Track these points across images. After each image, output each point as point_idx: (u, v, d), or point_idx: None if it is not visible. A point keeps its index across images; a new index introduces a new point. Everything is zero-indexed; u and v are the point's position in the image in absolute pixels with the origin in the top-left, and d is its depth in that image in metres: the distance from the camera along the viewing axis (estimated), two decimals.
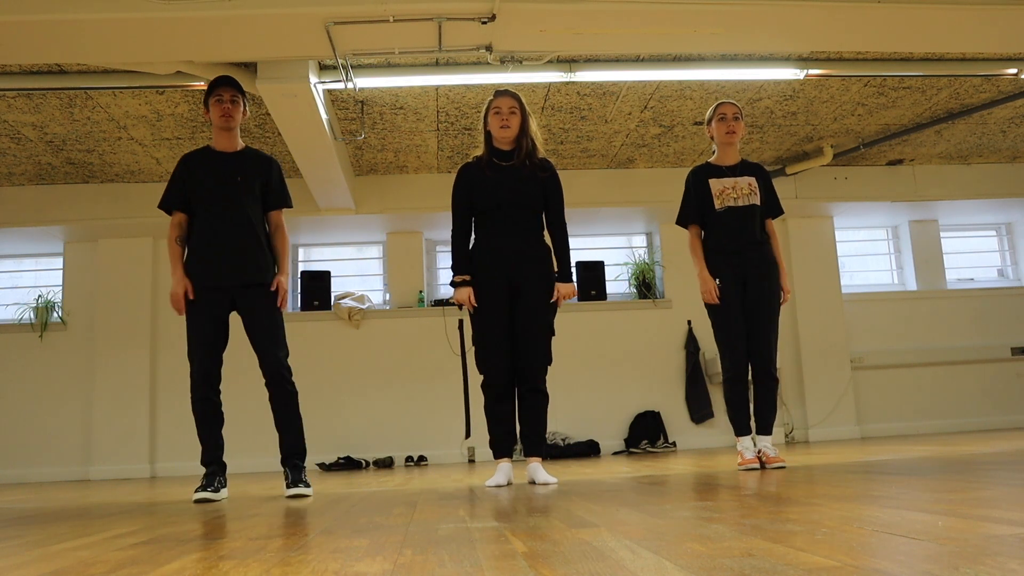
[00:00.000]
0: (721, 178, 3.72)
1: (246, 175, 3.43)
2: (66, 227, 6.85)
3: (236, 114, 3.45)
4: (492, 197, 3.40)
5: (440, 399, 7.02)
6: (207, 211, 3.39)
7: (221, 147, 3.48)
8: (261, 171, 3.48)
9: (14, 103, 5.24)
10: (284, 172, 3.64)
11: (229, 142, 3.48)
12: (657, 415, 7.11)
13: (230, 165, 3.44)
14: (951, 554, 1.15)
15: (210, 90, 3.45)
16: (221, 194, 3.39)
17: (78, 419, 6.90)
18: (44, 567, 1.48)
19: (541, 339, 3.38)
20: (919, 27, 4.10)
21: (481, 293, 3.38)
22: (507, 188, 3.40)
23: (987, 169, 7.43)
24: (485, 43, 4.00)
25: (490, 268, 3.38)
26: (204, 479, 3.31)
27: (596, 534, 1.57)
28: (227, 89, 3.44)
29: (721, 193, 3.69)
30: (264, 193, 3.49)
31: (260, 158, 3.53)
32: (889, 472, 2.86)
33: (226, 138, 3.48)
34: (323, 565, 1.35)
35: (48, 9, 3.56)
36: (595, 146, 6.57)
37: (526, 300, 3.37)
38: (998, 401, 7.54)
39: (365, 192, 6.92)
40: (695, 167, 3.83)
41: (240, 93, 3.48)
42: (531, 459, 3.43)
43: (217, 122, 3.44)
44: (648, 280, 7.44)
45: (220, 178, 3.40)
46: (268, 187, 3.49)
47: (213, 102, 3.43)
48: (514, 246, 3.40)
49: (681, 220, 3.80)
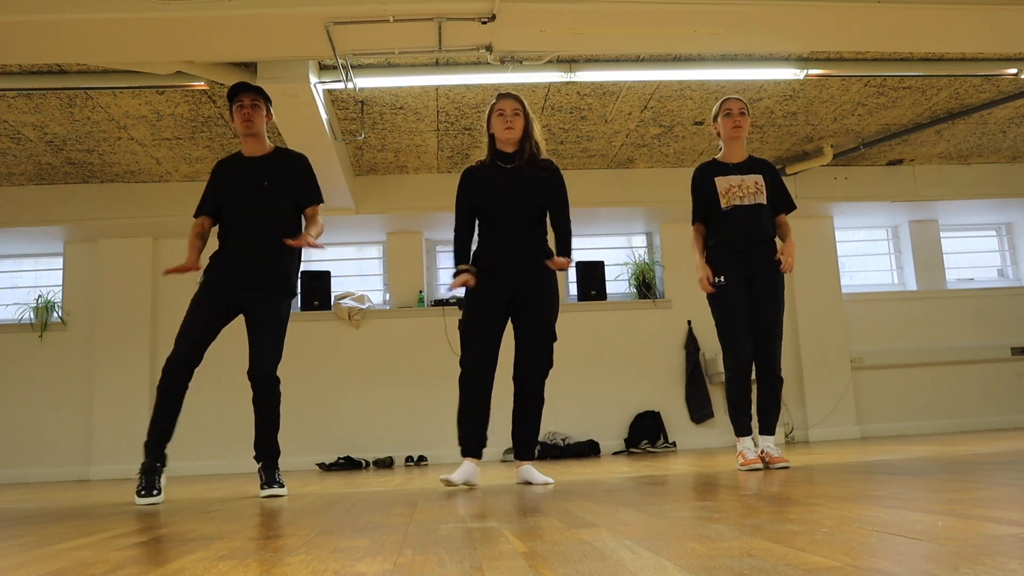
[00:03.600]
0: (727, 176, 3.70)
1: (273, 179, 3.44)
2: (66, 227, 6.85)
3: (257, 119, 3.45)
4: (492, 199, 3.39)
5: (440, 399, 7.01)
6: (233, 217, 3.43)
7: (250, 152, 3.50)
8: (290, 172, 3.49)
9: (14, 103, 5.24)
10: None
11: (257, 146, 3.50)
12: (657, 415, 7.11)
13: (258, 170, 3.45)
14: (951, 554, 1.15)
15: (230, 98, 3.47)
16: (247, 200, 3.41)
17: (78, 419, 6.90)
18: (44, 567, 1.48)
19: (544, 345, 3.37)
20: (919, 27, 4.10)
21: (478, 294, 3.37)
22: (507, 190, 3.39)
23: (987, 169, 7.43)
24: (485, 43, 4.00)
25: (491, 272, 3.37)
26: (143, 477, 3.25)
27: (596, 534, 1.57)
28: (247, 95, 3.45)
29: (727, 192, 3.67)
30: (296, 193, 3.49)
31: (288, 158, 3.54)
32: (889, 472, 2.86)
33: (253, 143, 3.49)
34: (323, 565, 1.35)
35: (48, 9, 3.56)
36: (595, 146, 6.57)
37: (529, 307, 3.36)
38: (998, 401, 7.54)
39: (365, 192, 6.92)
40: (700, 164, 3.80)
41: (261, 96, 3.50)
42: (524, 462, 3.41)
43: (240, 128, 3.46)
44: (648, 280, 7.44)
45: (247, 184, 3.43)
46: (299, 186, 3.50)
47: (235, 109, 3.45)
48: (516, 252, 3.39)
49: (694, 219, 3.78)
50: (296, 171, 3.51)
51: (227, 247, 3.42)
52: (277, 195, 3.44)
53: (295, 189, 3.49)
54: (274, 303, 3.40)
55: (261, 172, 3.45)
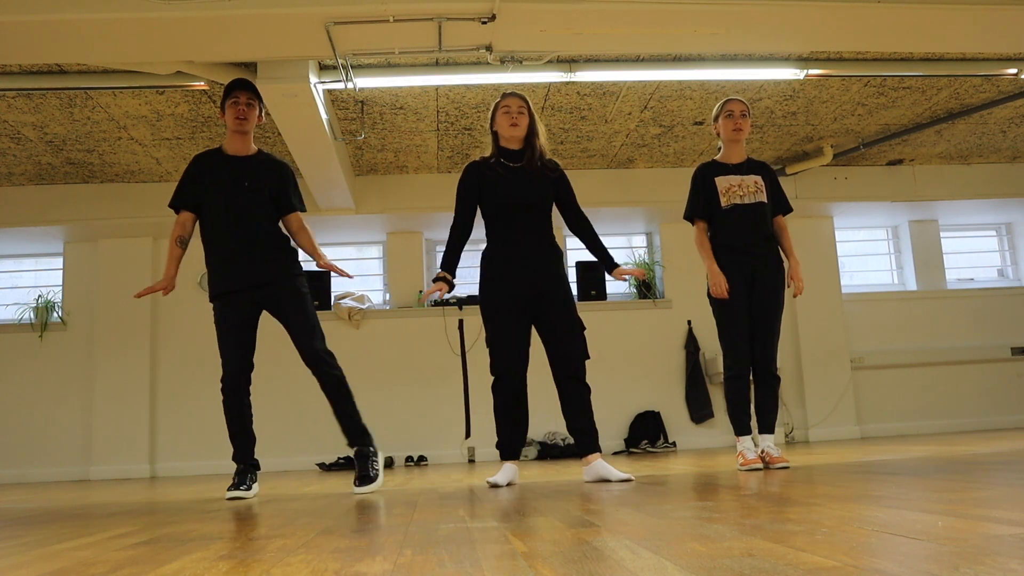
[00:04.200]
0: (727, 175, 3.70)
1: (254, 181, 3.43)
2: (66, 227, 6.85)
3: (251, 117, 3.45)
4: (504, 196, 3.36)
5: (440, 399, 7.02)
6: (215, 216, 3.41)
7: (233, 150, 3.48)
8: (271, 177, 3.47)
9: (14, 103, 5.24)
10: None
11: (242, 146, 3.48)
12: (657, 415, 7.12)
13: (239, 170, 3.44)
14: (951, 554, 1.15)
15: (226, 93, 3.46)
16: (228, 200, 3.40)
17: (78, 419, 6.90)
18: (44, 567, 1.48)
19: (578, 334, 3.35)
20: (919, 27, 4.10)
21: (499, 298, 3.32)
22: (519, 188, 3.36)
23: (987, 169, 7.43)
24: (485, 43, 3.99)
25: (510, 274, 3.33)
26: (235, 477, 3.36)
27: (596, 534, 1.57)
28: (243, 92, 3.45)
29: (728, 190, 3.66)
30: (276, 199, 3.48)
31: (271, 163, 3.52)
32: (889, 472, 2.86)
33: (239, 141, 3.48)
34: (323, 565, 1.35)
35: (48, 9, 3.56)
36: (595, 146, 6.57)
37: (555, 302, 3.33)
38: (998, 401, 7.54)
39: (365, 192, 6.92)
40: (701, 164, 3.80)
41: (256, 96, 3.49)
42: (593, 456, 3.33)
43: (232, 125, 3.44)
44: (648, 280, 7.44)
45: (228, 183, 3.41)
46: (279, 193, 3.48)
47: (229, 104, 3.43)
48: (532, 251, 3.36)
49: (688, 214, 3.76)
50: (281, 177, 3.49)
51: (220, 249, 3.40)
52: (258, 196, 3.42)
53: (277, 194, 3.47)
54: (290, 286, 3.40)
55: (243, 172, 3.43)
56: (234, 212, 3.38)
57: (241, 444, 3.41)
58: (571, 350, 3.33)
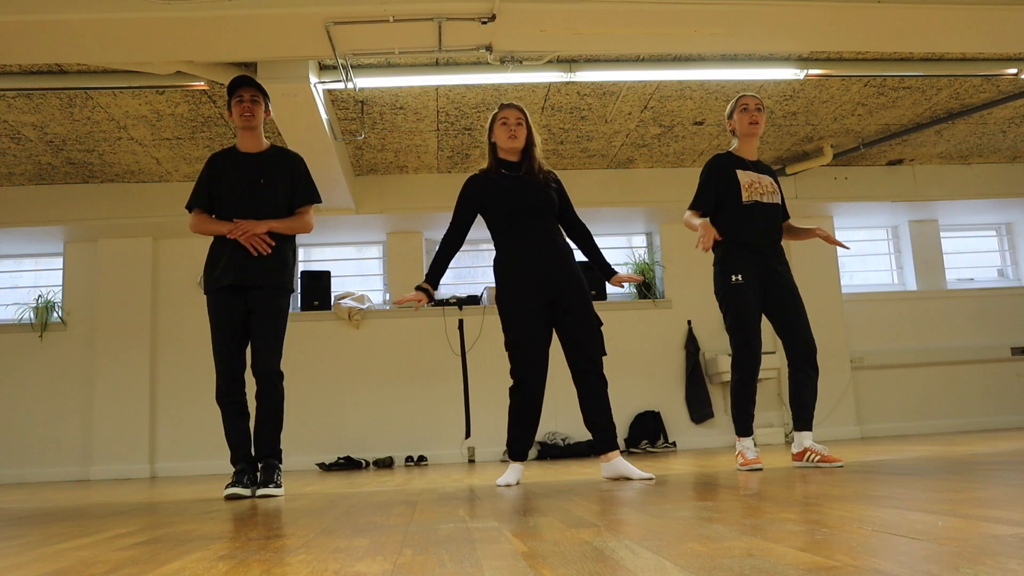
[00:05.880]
0: (747, 171, 3.65)
1: (269, 177, 3.45)
2: (66, 227, 6.85)
3: (257, 113, 3.47)
4: (511, 203, 3.37)
5: (440, 399, 7.02)
6: (231, 213, 3.43)
7: (245, 148, 3.51)
8: (285, 170, 3.50)
9: (14, 103, 5.24)
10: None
11: (253, 142, 3.50)
12: (657, 415, 7.11)
13: (254, 167, 3.46)
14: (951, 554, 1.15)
15: (231, 91, 3.47)
16: (243, 198, 3.42)
17: (78, 419, 6.89)
18: (44, 567, 1.48)
19: (594, 330, 3.40)
20: (919, 27, 4.10)
21: (518, 300, 3.33)
22: (525, 194, 3.39)
23: (987, 169, 7.43)
24: (485, 43, 4.00)
25: (527, 278, 3.34)
26: (234, 476, 3.37)
27: (596, 534, 1.57)
28: (247, 89, 3.46)
29: (750, 186, 3.60)
30: (290, 192, 3.50)
31: (284, 156, 3.55)
32: (889, 472, 2.86)
33: (249, 138, 3.50)
34: (323, 565, 1.35)
35: (48, 9, 3.56)
36: (595, 146, 6.57)
37: (570, 301, 3.35)
38: (998, 401, 7.54)
39: (365, 192, 6.92)
40: (718, 154, 3.70)
41: (261, 92, 3.51)
42: (613, 453, 3.39)
43: (238, 122, 3.47)
44: (648, 280, 7.44)
45: (243, 181, 3.44)
46: (293, 186, 3.51)
47: (234, 103, 3.46)
48: (545, 252, 3.38)
49: (696, 205, 3.62)
50: (293, 170, 3.52)
51: (221, 246, 3.43)
52: (273, 192, 3.45)
53: (291, 188, 3.50)
54: (275, 299, 3.42)
55: (258, 169, 3.46)
56: (249, 208, 3.41)
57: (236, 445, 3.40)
58: (590, 346, 3.39)
